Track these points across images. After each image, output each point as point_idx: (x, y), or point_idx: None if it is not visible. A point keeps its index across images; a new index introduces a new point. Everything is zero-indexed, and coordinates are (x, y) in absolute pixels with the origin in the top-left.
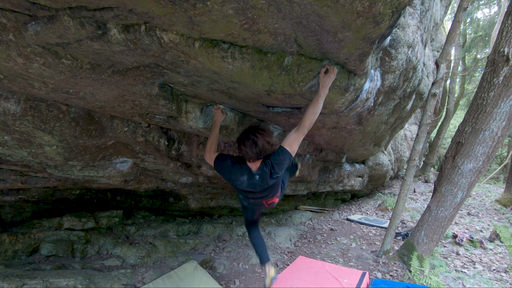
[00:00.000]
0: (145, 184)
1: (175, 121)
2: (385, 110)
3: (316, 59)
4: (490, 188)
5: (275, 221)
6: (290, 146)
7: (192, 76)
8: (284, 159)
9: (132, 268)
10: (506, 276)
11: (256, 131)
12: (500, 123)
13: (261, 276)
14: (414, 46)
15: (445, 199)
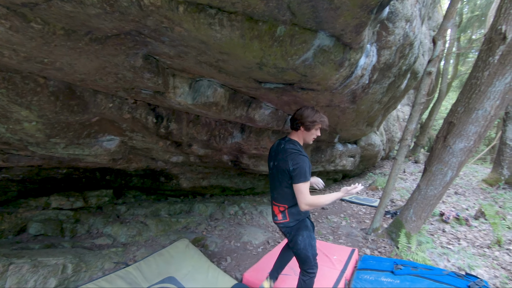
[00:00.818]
0: (134, 163)
1: (162, 97)
2: (379, 89)
3: (310, 29)
4: (478, 169)
5: (267, 200)
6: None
7: (178, 46)
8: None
9: (123, 247)
10: (488, 252)
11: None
12: (494, 102)
13: (252, 253)
14: (412, 21)
15: (435, 178)
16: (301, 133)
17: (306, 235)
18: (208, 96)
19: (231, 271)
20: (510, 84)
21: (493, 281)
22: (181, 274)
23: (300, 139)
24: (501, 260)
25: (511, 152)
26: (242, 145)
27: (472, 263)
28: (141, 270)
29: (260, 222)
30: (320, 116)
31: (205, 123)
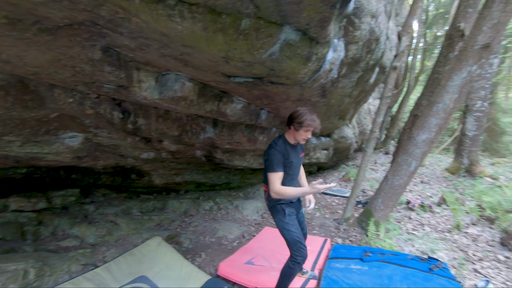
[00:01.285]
0: (102, 160)
1: (127, 91)
2: (348, 83)
3: (275, 23)
4: (442, 158)
5: (243, 195)
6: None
7: (138, 38)
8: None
9: (92, 248)
10: (449, 235)
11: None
12: (452, 96)
13: (227, 248)
14: (377, 16)
15: (400, 168)
16: (292, 132)
17: (278, 219)
18: (175, 91)
19: (206, 267)
20: (466, 79)
21: (452, 262)
22: (153, 273)
23: (290, 137)
24: (459, 243)
25: (470, 142)
26: (215, 140)
27: (434, 247)
28: (111, 270)
29: (235, 216)
30: (310, 119)
31: (176, 118)
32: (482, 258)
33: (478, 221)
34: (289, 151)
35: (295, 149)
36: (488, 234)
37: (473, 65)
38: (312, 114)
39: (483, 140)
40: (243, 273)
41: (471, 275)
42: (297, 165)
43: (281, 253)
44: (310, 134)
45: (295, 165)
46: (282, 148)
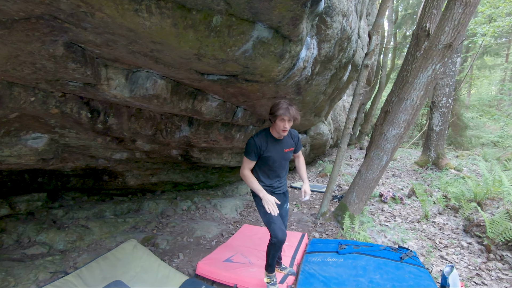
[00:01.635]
0: (71, 162)
1: (94, 90)
2: (322, 80)
3: (248, 20)
4: (411, 152)
5: (222, 193)
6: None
7: (104, 34)
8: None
9: (61, 254)
10: (418, 225)
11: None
12: (419, 93)
13: (205, 248)
14: (349, 16)
15: (373, 163)
16: (273, 125)
17: (257, 202)
18: (147, 88)
19: (184, 267)
20: (432, 76)
21: (421, 250)
22: (128, 277)
23: (273, 130)
24: (427, 232)
25: (436, 137)
26: (191, 138)
27: (404, 237)
28: (83, 277)
29: (214, 215)
30: (283, 109)
31: (149, 116)
32: (448, 245)
33: (444, 210)
34: (268, 144)
35: (279, 143)
36: (453, 223)
37: (438, 63)
38: (286, 103)
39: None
40: (222, 271)
41: (438, 262)
42: (278, 159)
43: (260, 250)
44: (287, 124)
45: (275, 159)
46: (261, 139)
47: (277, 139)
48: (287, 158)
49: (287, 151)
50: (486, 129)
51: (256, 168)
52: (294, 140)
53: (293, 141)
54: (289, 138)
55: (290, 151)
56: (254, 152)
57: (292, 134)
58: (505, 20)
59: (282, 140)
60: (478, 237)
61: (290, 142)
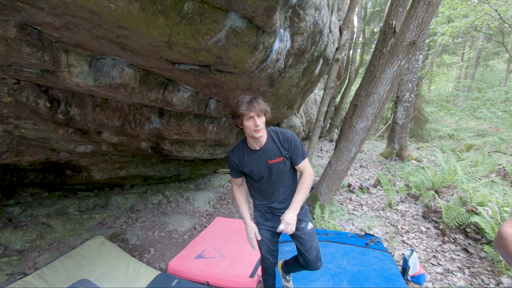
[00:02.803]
0: (28, 156)
1: (54, 77)
2: (295, 73)
3: (221, 9)
4: (377, 144)
5: (194, 186)
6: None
7: (63, 15)
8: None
9: (19, 255)
10: (382, 213)
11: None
12: (385, 87)
13: (178, 241)
14: (321, 9)
15: (342, 154)
16: (245, 131)
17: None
18: (113, 77)
19: (155, 262)
20: (397, 72)
21: (385, 236)
22: (96, 275)
23: (248, 138)
24: (391, 219)
25: (400, 130)
26: (162, 130)
27: (370, 224)
28: (45, 277)
29: (186, 209)
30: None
31: (117, 107)
32: (408, 230)
33: (406, 198)
34: (245, 157)
35: (258, 154)
36: (414, 210)
37: (403, 59)
38: (248, 97)
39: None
40: (193, 269)
41: (400, 246)
42: (263, 175)
43: (233, 241)
44: (257, 121)
45: (258, 175)
46: (236, 153)
47: (255, 149)
48: (279, 172)
49: (273, 162)
50: (443, 122)
51: (248, 186)
52: (284, 146)
53: (281, 148)
54: (274, 145)
55: (279, 162)
56: (234, 169)
57: (279, 138)
58: (461, 21)
59: (263, 149)
60: (435, 222)
61: (275, 150)
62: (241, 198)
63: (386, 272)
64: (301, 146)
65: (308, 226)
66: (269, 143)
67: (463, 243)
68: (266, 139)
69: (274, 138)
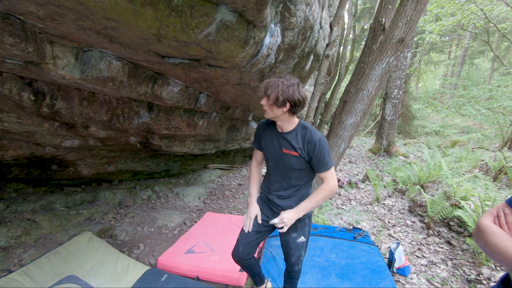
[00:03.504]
0: (12, 150)
1: (38, 69)
2: (286, 69)
3: (211, 2)
4: (366, 140)
5: (184, 181)
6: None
7: (48, 5)
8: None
9: (3, 251)
10: (370, 207)
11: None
12: (374, 84)
13: (168, 237)
14: (312, 5)
15: (331, 150)
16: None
17: None
18: (101, 70)
19: (145, 258)
20: (386, 69)
21: (372, 230)
22: (84, 271)
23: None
24: (378, 213)
25: (388, 126)
26: (151, 125)
27: (358, 218)
28: (30, 274)
29: (176, 204)
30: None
31: (104, 101)
32: (395, 224)
33: (393, 193)
34: (266, 131)
35: (278, 137)
36: (400, 204)
37: (391, 56)
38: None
39: (398, 124)
40: (183, 264)
41: (386, 240)
42: (272, 157)
43: (222, 236)
44: (264, 101)
45: (269, 155)
46: (265, 124)
47: (279, 132)
48: (288, 164)
49: (287, 153)
50: (430, 119)
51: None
52: (305, 146)
53: (301, 145)
54: (296, 138)
55: (292, 156)
56: (256, 136)
57: (305, 137)
58: (449, 20)
59: (283, 135)
60: (421, 216)
61: (294, 143)
62: (255, 176)
63: (373, 265)
64: (327, 155)
65: (298, 239)
66: (292, 133)
67: (446, 236)
68: (293, 129)
69: (300, 132)
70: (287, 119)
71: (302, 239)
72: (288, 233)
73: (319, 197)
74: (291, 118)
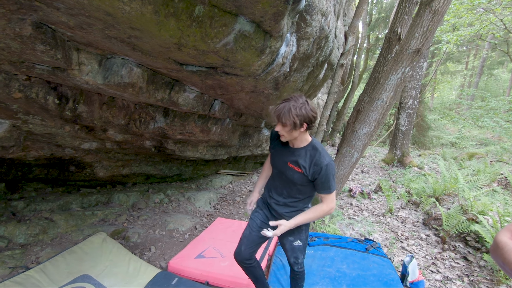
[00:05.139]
0: (34, 151)
1: (64, 74)
2: (300, 77)
3: (230, 13)
4: (379, 150)
5: (196, 186)
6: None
7: (78, 16)
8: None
9: (22, 248)
10: (383, 219)
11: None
12: (389, 94)
13: (178, 241)
14: (327, 15)
15: (344, 159)
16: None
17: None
18: (122, 76)
19: (156, 260)
20: (401, 79)
21: (385, 242)
22: (97, 271)
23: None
24: (391, 225)
25: (402, 136)
26: (166, 130)
27: (370, 229)
28: (47, 272)
29: (187, 208)
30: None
31: (123, 105)
32: (408, 237)
33: (406, 205)
34: (277, 142)
35: (287, 149)
36: (414, 216)
37: (407, 67)
38: (283, 102)
39: (413, 134)
40: (193, 268)
41: (399, 252)
42: (277, 165)
43: (233, 242)
44: (278, 128)
45: (275, 162)
46: (275, 133)
47: (289, 144)
48: (291, 178)
49: (291, 167)
50: (446, 130)
51: None
52: (311, 167)
53: (307, 165)
54: (304, 156)
55: (295, 171)
56: (270, 140)
57: (313, 158)
58: (466, 30)
59: (293, 150)
60: (435, 230)
61: (301, 161)
62: (265, 171)
63: (385, 278)
64: (332, 179)
65: (295, 242)
66: (302, 151)
67: (463, 251)
68: (303, 146)
69: (310, 152)
70: (301, 138)
71: (299, 243)
72: (285, 236)
73: (314, 215)
74: (305, 136)
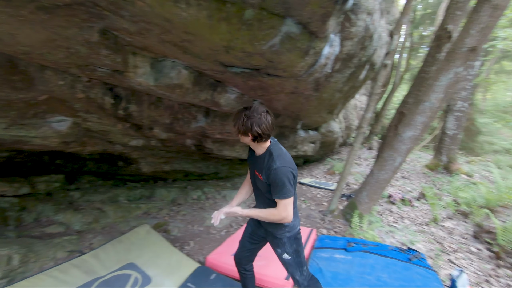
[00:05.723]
0: (89, 146)
1: (121, 76)
2: (341, 78)
3: (278, 15)
4: (422, 155)
5: (231, 185)
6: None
7: (140, 22)
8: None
9: (78, 234)
10: (427, 228)
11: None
12: (438, 95)
13: (215, 237)
14: (373, 14)
15: (386, 163)
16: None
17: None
18: (172, 78)
19: (194, 255)
20: (453, 80)
21: (429, 253)
22: (142, 260)
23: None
24: (436, 235)
25: (450, 141)
26: (206, 129)
27: (413, 239)
28: (99, 257)
29: (223, 206)
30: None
31: (168, 105)
32: (457, 249)
33: (453, 215)
34: (251, 152)
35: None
36: (463, 228)
37: (460, 66)
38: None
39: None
40: (230, 265)
41: (446, 265)
42: (251, 174)
43: None
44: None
45: (250, 172)
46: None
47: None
48: (259, 186)
49: (256, 175)
50: (499, 135)
51: None
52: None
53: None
54: (262, 163)
55: (259, 179)
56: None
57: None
58: None
59: (257, 157)
60: (488, 244)
61: (259, 167)
62: (243, 186)
63: None
64: (280, 185)
65: (283, 255)
66: (261, 158)
67: None
68: (262, 154)
69: (266, 158)
70: (256, 145)
71: (286, 256)
72: (274, 248)
73: (264, 215)
74: (260, 144)
